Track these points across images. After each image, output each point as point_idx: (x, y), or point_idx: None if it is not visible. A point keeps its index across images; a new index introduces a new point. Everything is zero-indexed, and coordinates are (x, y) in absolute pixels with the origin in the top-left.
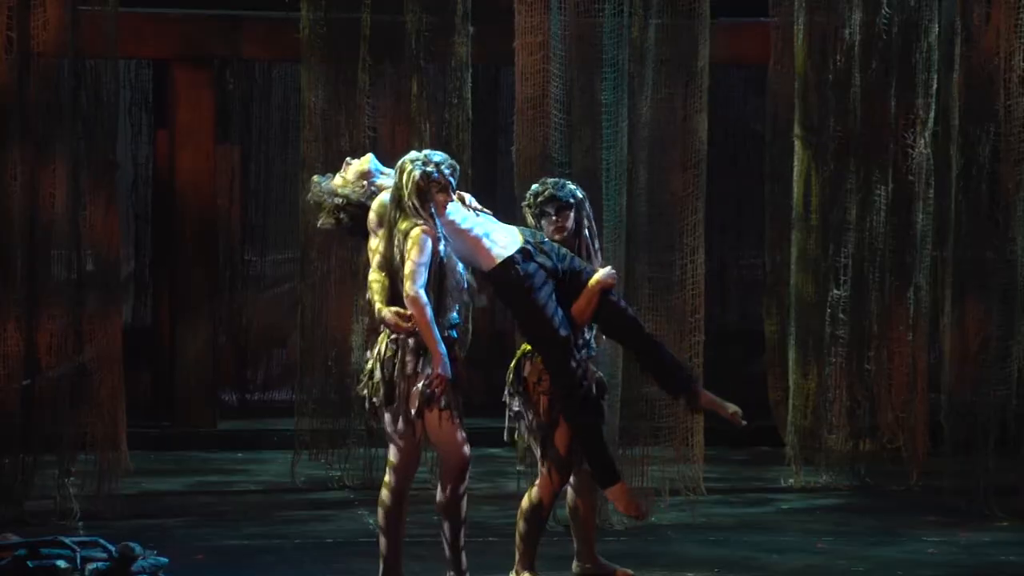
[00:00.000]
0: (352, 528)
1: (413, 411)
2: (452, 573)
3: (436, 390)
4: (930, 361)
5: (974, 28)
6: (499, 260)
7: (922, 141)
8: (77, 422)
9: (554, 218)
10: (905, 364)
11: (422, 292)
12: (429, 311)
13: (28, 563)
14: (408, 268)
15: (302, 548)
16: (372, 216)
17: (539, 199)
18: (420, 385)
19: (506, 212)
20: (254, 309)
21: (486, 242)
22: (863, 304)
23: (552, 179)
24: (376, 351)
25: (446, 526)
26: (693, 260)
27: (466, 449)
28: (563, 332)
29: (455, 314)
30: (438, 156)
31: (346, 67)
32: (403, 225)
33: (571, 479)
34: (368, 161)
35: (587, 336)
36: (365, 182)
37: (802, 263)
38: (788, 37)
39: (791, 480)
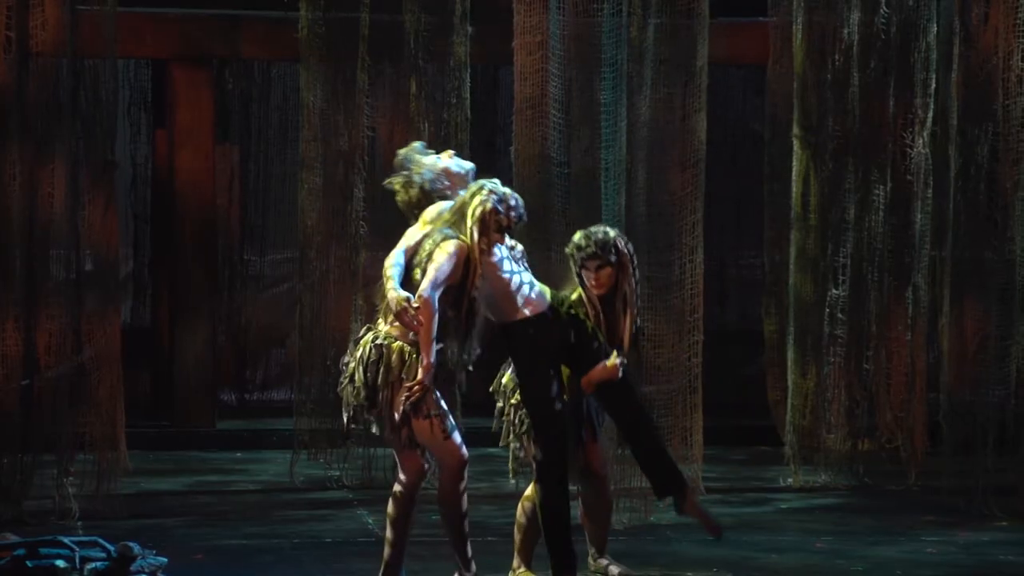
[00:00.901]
0: (351, 528)
1: (397, 416)
2: (461, 569)
3: (414, 396)
4: (929, 361)
5: (972, 28)
6: (521, 317)
7: (920, 141)
8: (76, 422)
9: (593, 276)
10: (904, 364)
11: (435, 298)
12: (436, 318)
13: (27, 563)
14: (432, 273)
15: (301, 548)
16: (431, 211)
17: (581, 253)
18: (403, 396)
19: None
20: (253, 309)
21: (516, 295)
22: (862, 304)
23: (598, 233)
24: (358, 354)
25: (446, 521)
26: (692, 260)
27: (462, 452)
28: (556, 406)
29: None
30: (515, 200)
31: (345, 67)
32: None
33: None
34: (455, 163)
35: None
36: (445, 180)
37: (801, 263)
38: (787, 37)
39: (790, 480)
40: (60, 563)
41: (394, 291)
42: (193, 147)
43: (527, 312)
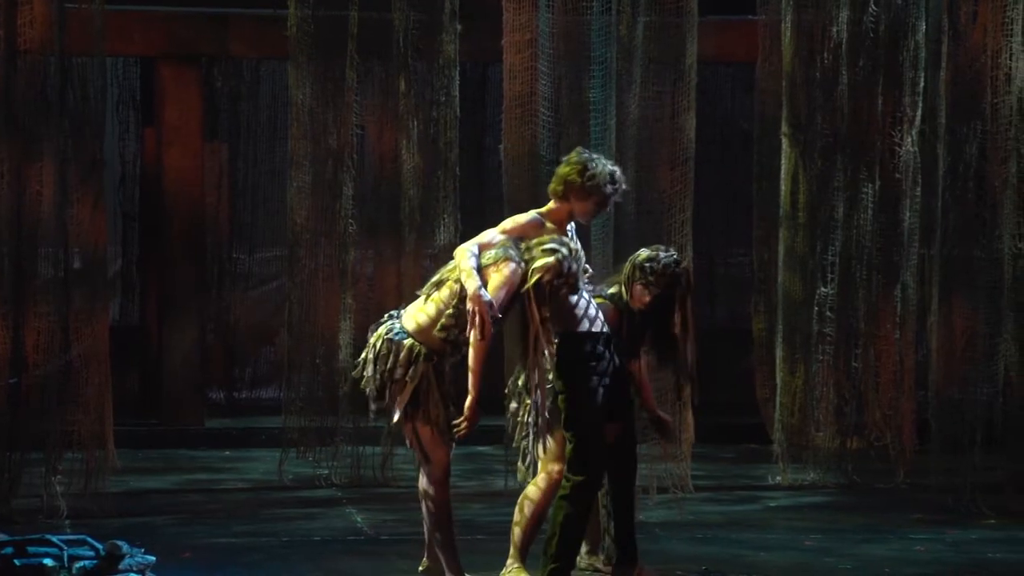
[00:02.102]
0: (340, 526)
1: (395, 418)
2: (427, 559)
3: (462, 433)
4: (917, 359)
5: (961, 26)
6: (580, 330)
7: (909, 139)
8: (64, 420)
9: (647, 294)
10: (892, 362)
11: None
12: (489, 337)
13: (15, 561)
14: (493, 293)
15: (290, 546)
16: (511, 222)
17: (648, 268)
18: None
19: (492, 210)
20: (242, 307)
21: (578, 309)
22: (850, 302)
23: (667, 254)
24: (372, 344)
25: (425, 512)
26: (681, 257)
27: (447, 461)
28: (590, 420)
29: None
30: (573, 259)
31: (334, 65)
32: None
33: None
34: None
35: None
36: (604, 189)
37: (790, 261)
38: (776, 35)
39: (779, 478)
40: (48, 561)
41: (478, 290)
42: (181, 145)
43: (589, 327)
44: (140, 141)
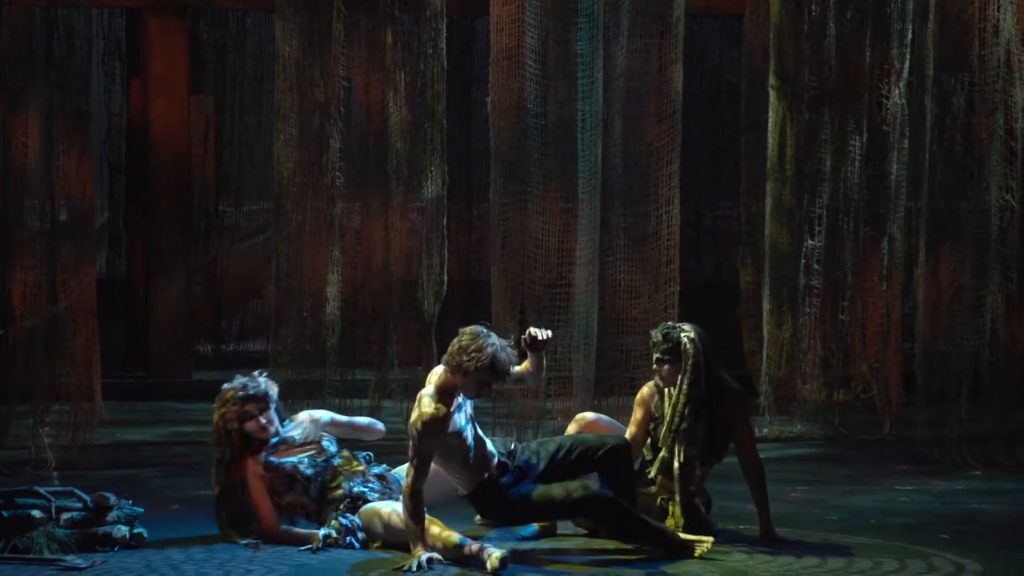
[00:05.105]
0: None
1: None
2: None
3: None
4: (904, 311)
5: None
6: (485, 477)
7: (897, 91)
8: (51, 373)
9: (655, 368)
10: (879, 314)
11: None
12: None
13: (3, 513)
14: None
15: None
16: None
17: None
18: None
19: (479, 163)
20: (229, 260)
21: (470, 460)
22: (837, 254)
23: (668, 330)
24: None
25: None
26: (668, 211)
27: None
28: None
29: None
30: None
31: (321, 17)
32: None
33: None
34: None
35: None
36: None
37: (777, 213)
38: None
39: (765, 430)
40: (36, 513)
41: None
42: (168, 97)
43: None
44: (126, 93)
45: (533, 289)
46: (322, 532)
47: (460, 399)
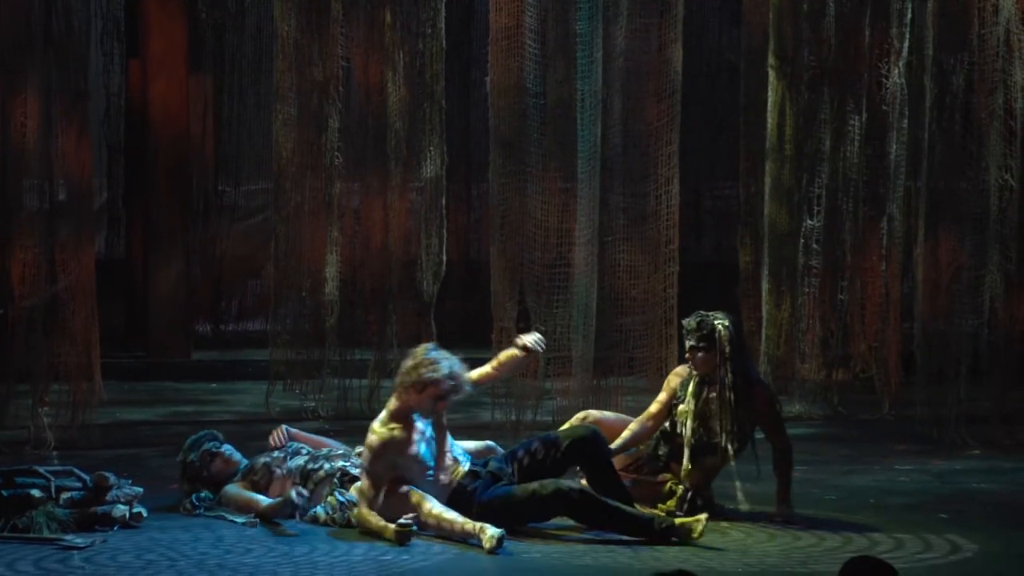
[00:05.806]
0: None
1: None
2: None
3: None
4: (903, 291)
5: None
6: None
7: (896, 71)
8: (51, 352)
9: (688, 355)
10: (878, 294)
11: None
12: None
13: (2, 492)
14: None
15: None
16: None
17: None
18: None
19: (478, 142)
20: (228, 240)
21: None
22: (836, 234)
23: (703, 316)
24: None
25: None
26: (667, 191)
27: None
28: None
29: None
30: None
31: None
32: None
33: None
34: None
35: None
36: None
37: (776, 193)
38: None
39: None
40: (35, 492)
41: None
42: (167, 77)
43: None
44: (125, 73)
45: (532, 269)
46: (318, 509)
47: (419, 423)
